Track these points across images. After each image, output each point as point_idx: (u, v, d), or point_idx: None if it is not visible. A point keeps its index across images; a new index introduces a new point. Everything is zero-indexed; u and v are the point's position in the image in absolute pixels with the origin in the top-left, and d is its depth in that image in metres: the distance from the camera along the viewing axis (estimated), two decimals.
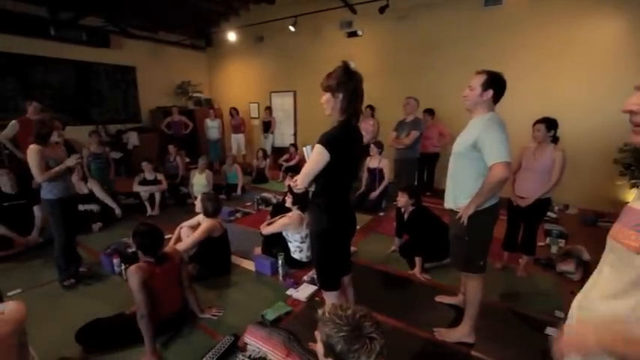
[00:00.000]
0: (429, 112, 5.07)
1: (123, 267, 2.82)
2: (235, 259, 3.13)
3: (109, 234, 3.82)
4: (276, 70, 7.46)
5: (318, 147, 1.48)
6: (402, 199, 2.88)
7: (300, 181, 1.56)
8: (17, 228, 3.41)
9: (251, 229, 3.91)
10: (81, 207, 3.75)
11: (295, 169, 6.35)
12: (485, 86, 1.71)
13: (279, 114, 7.51)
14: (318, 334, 0.91)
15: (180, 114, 6.93)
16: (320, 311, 0.92)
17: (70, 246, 2.76)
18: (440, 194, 5.09)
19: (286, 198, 2.92)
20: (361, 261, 3.09)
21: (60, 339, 2.04)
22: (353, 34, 5.97)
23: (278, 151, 7.46)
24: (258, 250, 3.18)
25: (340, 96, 1.51)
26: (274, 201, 4.84)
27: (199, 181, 4.96)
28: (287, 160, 6.47)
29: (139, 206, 4.61)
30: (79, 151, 5.37)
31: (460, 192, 1.84)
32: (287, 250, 2.92)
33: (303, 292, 2.60)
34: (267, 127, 7.15)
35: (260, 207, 4.72)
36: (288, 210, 3.05)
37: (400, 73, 5.78)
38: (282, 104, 7.49)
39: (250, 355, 1.96)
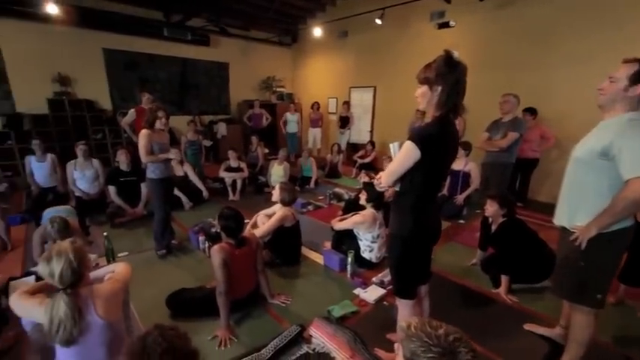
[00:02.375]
0: (531, 111, 4.41)
1: (207, 244, 3.09)
2: (305, 251, 3.19)
3: (197, 213, 4.23)
4: (357, 66, 7.38)
5: (409, 144, 1.35)
6: (491, 208, 2.56)
7: (385, 179, 1.46)
8: (128, 200, 4.01)
9: (322, 222, 3.95)
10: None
11: (370, 167, 6.24)
12: (635, 79, 1.35)
13: (357, 109, 7.43)
14: (400, 348, 0.82)
15: (261, 107, 7.35)
16: (405, 323, 0.82)
17: (166, 220, 3.12)
18: (534, 206, 4.53)
19: (360, 195, 2.84)
20: (437, 271, 2.86)
21: (153, 301, 2.31)
22: (444, 26, 5.54)
23: (353, 148, 7.40)
24: (327, 245, 3.18)
25: (439, 89, 1.36)
26: (346, 197, 4.81)
27: (277, 172, 5.19)
28: (362, 157, 6.37)
29: (223, 191, 5.02)
30: (178, 138, 6.11)
31: (579, 208, 1.51)
32: (357, 248, 2.85)
33: (372, 293, 2.51)
34: (345, 122, 7.13)
35: (332, 201, 4.73)
36: (362, 207, 2.97)
37: (496, 67, 5.18)
38: (361, 100, 7.38)
39: (315, 349, 1.96)
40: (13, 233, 3.37)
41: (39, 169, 4.23)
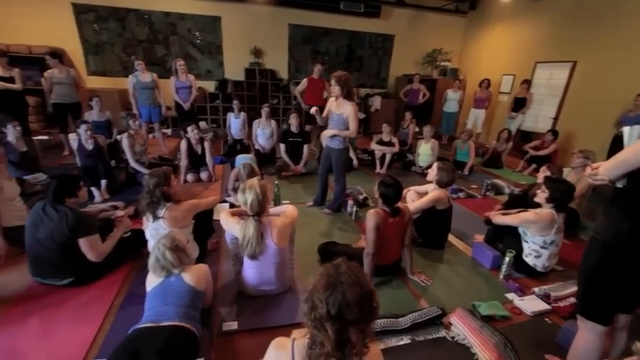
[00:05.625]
0: None
1: (354, 209, 3.29)
2: (451, 238, 2.98)
3: (347, 180, 4.50)
4: (552, 35, 5.95)
5: None
6: None
7: (606, 170, 1.12)
8: (293, 158, 4.63)
9: (472, 212, 3.59)
10: None
11: (544, 160, 5.15)
12: None
13: (539, 90, 6.12)
14: None
15: (420, 83, 6.98)
16: None
17: (320, 182, 3.49)
18: None
19: (539, 191, 2.38)
20: None
21: (305, 244, 2.61)
22: None
23: (523, 137, 6.25)
24: (479, 238, 2.88)
25: None
26: (507, 190, 4.18)
27: (425, 151, 4.95)
28: (536, 148, 5.29)
29: (371, 162, 5.16)
30: None
31: None
32: (518, 250, 2.46)
33: (530, 304, 2.15)
34: (519, 105, 6.01)
35: (488, 193, 4.19)
36: (530, 205, 2.52)
37: None
38: (549, 78, 5.99)
39: (454, 337, 1.86)
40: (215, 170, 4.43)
41: (235, 123, 5.35)
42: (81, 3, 6.05)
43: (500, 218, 2.54)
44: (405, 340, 1.80)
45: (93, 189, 3.39)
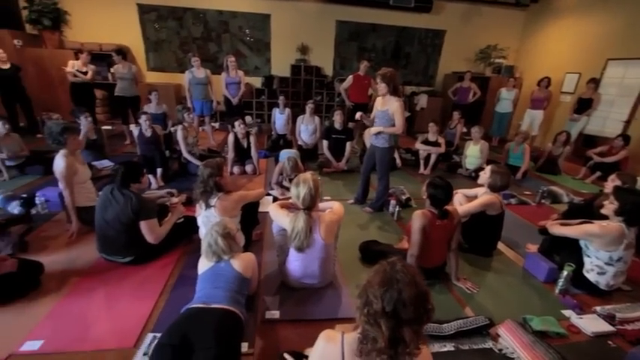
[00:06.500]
0: None
1: (397, 209, 3.23)
2: (500, 246, 2.82)
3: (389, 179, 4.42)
4: (629, 29, 5.32)
5: None
6: None
7: None
8: (335, 155, 4.63)
9: (525, 220, 3.37)
10: None
11: (612, 168, 4.66)
12: None
13: (609, 90, 5.53)
14: None
15: (471, 80, 6.63)
16: None
17: (362, 180, 3.48)
18: None
19: (606, 202, 2.16)
20: None
21: (345, 241, 2.55)
22: None
23: (587, 141, 5.71)
24: (532, 248, 2.70)
25: None
26: (566, 199, 3.86)
27: (473, 152, 4.70)
28: (602, 154, 4.80)
29: (414, 163, 5.01)
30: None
31: None
32: (578, 264, 2.26)
33: (590, 323, 1.97)
34: (584, 106, 5.48)
35: (543, 201, 3.89)
36: (594, 216, 2.30)
37: None
38: (623, 77, 5.37)
39: (502, 350, 1.76)
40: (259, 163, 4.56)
41: (279, 119, 5.47)
42: (145, 3, 6.53)
43: (558, 228, 2.34)
44: (449, 347, 1.74)
45: (150, 176, 3.66)
